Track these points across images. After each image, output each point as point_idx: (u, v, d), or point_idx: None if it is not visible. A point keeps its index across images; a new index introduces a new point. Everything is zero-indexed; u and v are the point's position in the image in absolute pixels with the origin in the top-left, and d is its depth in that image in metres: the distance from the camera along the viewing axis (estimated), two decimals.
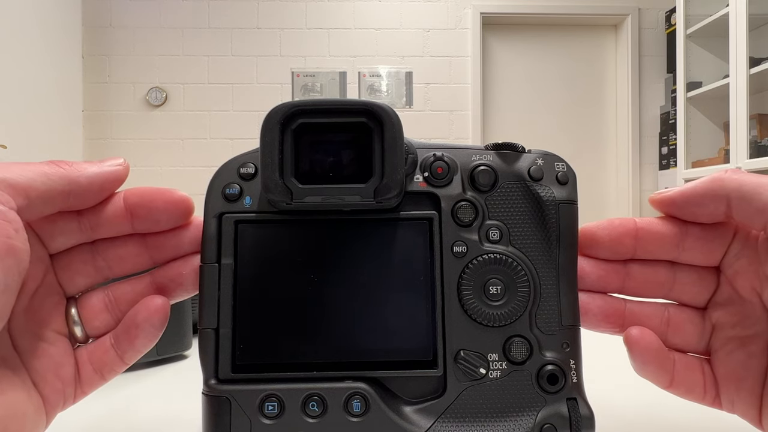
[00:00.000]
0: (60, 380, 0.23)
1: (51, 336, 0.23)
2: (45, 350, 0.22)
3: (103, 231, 0.24)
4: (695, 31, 2.73)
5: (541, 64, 3.41)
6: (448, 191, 0.25)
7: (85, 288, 0.24)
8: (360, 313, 0.24)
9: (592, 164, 3.41)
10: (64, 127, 2.87)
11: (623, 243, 0.25)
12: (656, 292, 0.26)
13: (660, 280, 0.26)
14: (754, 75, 2.35)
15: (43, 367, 0.22)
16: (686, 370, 0.25)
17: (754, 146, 2.42)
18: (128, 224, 0.24)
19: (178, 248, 0.25)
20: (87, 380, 0.24)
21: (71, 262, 0.24)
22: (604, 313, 0.26)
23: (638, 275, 0.26)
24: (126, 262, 0.25)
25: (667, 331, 0.26)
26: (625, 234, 0.25)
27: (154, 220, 0.24)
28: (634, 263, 0.26)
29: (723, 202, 0.23)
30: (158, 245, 0.25)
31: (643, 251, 0.25)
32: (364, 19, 3.26)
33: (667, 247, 0.25)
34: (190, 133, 3.22)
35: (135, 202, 0.24)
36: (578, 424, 0.24)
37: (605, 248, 0.26)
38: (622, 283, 0.26)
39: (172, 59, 3.22)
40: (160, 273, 0.25)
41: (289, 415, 0.23)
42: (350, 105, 0.24)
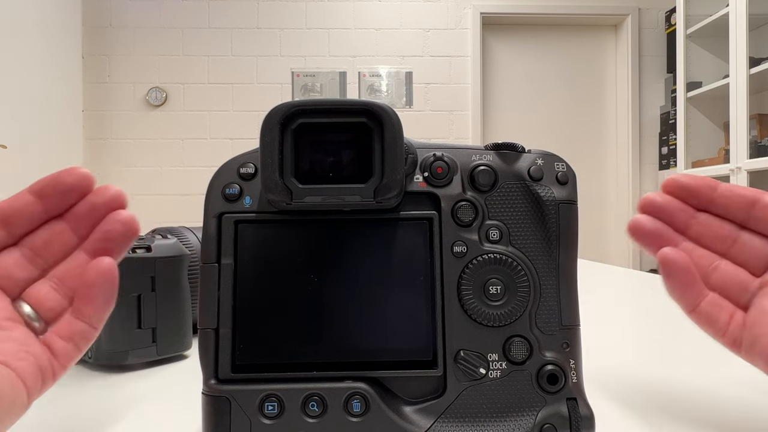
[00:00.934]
0: (31, 355, 0.23)
1: (6, 324, 0.23)
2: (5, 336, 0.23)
3: (19, 225, 0.25)
4: (695, 31, 2.73)
5: (541, 64, 3.41)
6: (448, 191, 0.25)
7: (26, 283, 0.25)
8: (360, 313, 0.24)
9: (592, 164, 3.41)
10: (64, 127, 2.87)
11: (702, 191, 0.27)
12: (717, 244, 0.27)
13: (723, 233, 0.27)
14: (754, 75, 2.34)
15: (9, 348, 0.22)
16: (713, 305, 0.26)
17: (754, 146, 2.42)
18: (41, 210, 0.25)
19: (94, 212, 0.25)
20: (62, 353, 0.24)
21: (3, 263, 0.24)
22: (658, 235, 0.27)
23: (705, 221, 0.27)
24: (53, 246, 0.25)
25: (712, 275, 0.27)
26: (706, 185, 0.27)
27: (62, 195, 0.25)
28: (704, 213, 0.27)
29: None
30: (76, 218, 0.25)
31: (717, 206, 0.27)
32: (364, 19, 3.26)
33: (740, 208, 0.26)
34: (190, 133, 3.22)
35: (41, 187, 0.25)
36: (578, 424, 0.24)
37: (685, 191, 0.27)
38: (686, 224, 0.27)
39: (172, 59, 3.22)
40: (88, 242, 0.25)
41: (289, 415, 0.23)
42: (350, 105, 0.24)
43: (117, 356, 0.39)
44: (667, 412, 0.31)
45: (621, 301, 0.76)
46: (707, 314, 0.26)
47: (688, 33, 2.77)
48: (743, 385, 0.36)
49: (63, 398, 0.34)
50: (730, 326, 0.26)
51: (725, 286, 0.26)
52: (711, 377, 0.38)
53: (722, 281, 0.26)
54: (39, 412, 0.31)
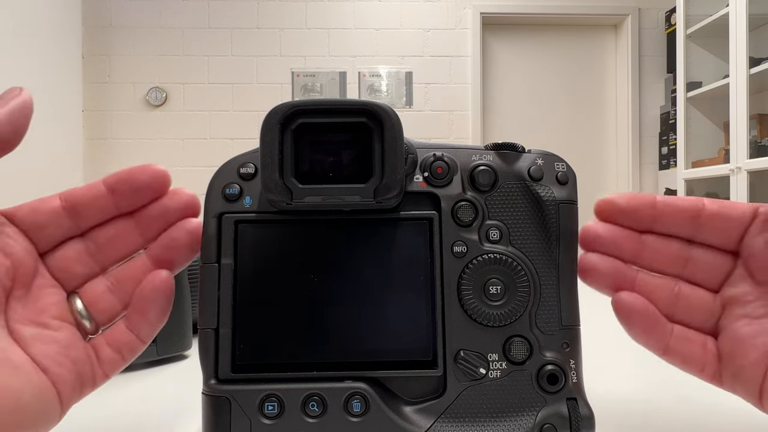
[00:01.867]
0: (71, 361, 0.22)
1: (54, 324, 0.23)
2: (49, 336, 0.22)
3: (88, 216, 0.24)
4: (695, 31, 2.73)
5: (541, 64, 3.41)
6: (448, 191, 0.25)
7: (84, 278, 0.24)
8: (360, 313, 0.24)
9: (592, 164, 3.41)
10: (64, 127, 2.87)
11: (642, 212, 0.25)
12: (670, 266, 0.26)
13: (675, 254, 0.25)
14: (754, 75, 2.34)
15: (50, 351, 0.22)
16: (684, 342, 0.25)
17: (754, 146, 2.42)
18: (112, 205, 0.24)
19: (165, 217, 0.25)
20: (107, 361, 0.24)
21: (65, 256, 0.24)
22: (613, 275, 0.25)
23: (653, 246, 0.26)
24: (118, 244, 0.25)
25: (676, 304, 0.25)
26: (644, 203, 0.25)
27: (135, 193, 0.24)
28: (650, 235, 0.26)
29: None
30: (145, 220, 0.25)
31: (661, 224, 0.25)
32: (364, 19, 3.26)
33: (684, 223, 0.25)
34: (190, 133, 3.22)
35: (115, 181, 0.24)
36: (578, 424, 0.24)
37: (624, 214, 0.26)
38: (636, 252, 0.26)
39: (172, 59, 3.22)
40: (153, 246, 0.25)
41: (289, 415, 0.23)
42: (350, 105, 0.24)
43: None
44: (667, 413, 0.31)
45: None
46: (680, 353, 0.25)
47: (688, 33, 2.77)
48: None
49: None
50: (705, 361, 0.25)
51: (690, 315, 0.25)
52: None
53: (686, 310, 0.25)
54: None
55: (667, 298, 0.25)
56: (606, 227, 0.26)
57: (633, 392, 0.35)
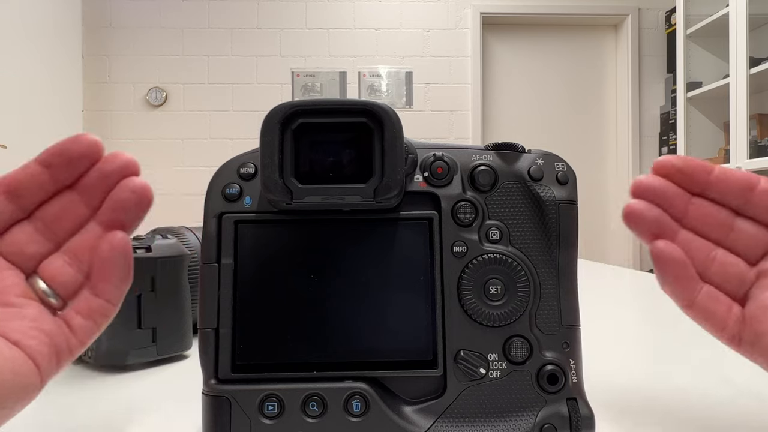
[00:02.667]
0: (43, 334, 0.22)
1: (18, 301, 0.23)
2: (16, 313, 0.22)
3: (29, 197, 0.24)
4: (695, 31, 2.73)
5: (541, 64, 3.41)
6: (448, 191, 0.25)
7: (40, 258, 0.24)
8: (360, 313, 0.24)
9: (592, 164, 3.41)
10: (64, 127, 2.87)
11: (697, 175, 0.26)
12: (713, 231, 0.26)
13: (720, 220, 0.26)
14: (754, 75, 2.34)
15: (19, 326, 0.22)
16: (711, 300, 0.25)
17: (754, 146, 2.42)
18: (49, 180, 0.24)
19: (105, 181, 0.24)
20: (80, 329, 0.24)
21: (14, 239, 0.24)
22: (657, 224, 0.26)
23: (701, 207, 0.26)
24: (65, 218, 0.24)
25: (710, 266, 0.26)
26: (702, 168, 0.26)
27: (70, 163, 0.24)
28: (700, 198, 0.26)
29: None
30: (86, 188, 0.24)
31: (714, 191, 0.26)
32: (364, 19, 3.26)
33: (736, 194, 0.26)
34: (190, 133, 3.22)
35: (47, 156, 0.24)
36: (578, 424, 0.24)
37: (680, 173, 0.26)
38: (684, 210, 0.26)
39: (172, 59, 3.22)
40: (100, 212, 0.24)
41: (289, 415, 0.23)
42: (350, 105, 0.24)
43: (117, 356, 0.39)
44: (666, 413, 0.31)
45: (620, 301, 0.76)
46: (704, 309, 0.25)
47: (688, 33, 2.77)
48: (740, 386, 0.36)
49: (63, 398, 0.34)
50: (728, 321, 0.25)
51: (722, 278, 0.26)
52: (709, 378, 0.38)
53: (719, 273, 0.26)
54: (39, 412, 0.31)
55: (703, 259, 0.26)
56: (659, 180, 0.26)
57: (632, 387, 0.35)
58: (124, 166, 0.24)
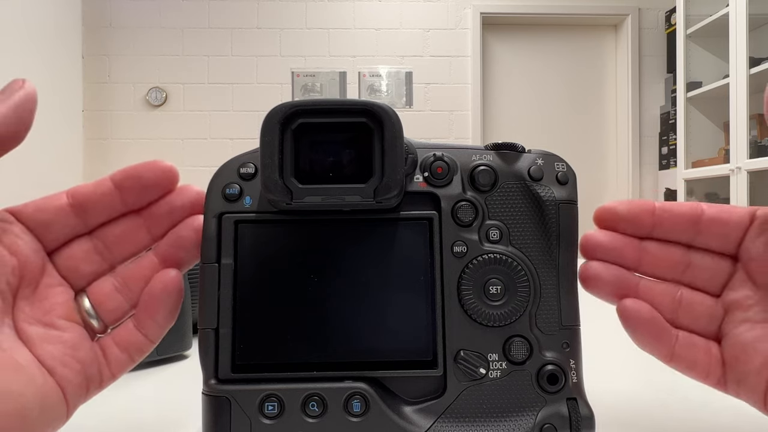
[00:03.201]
0: (78, 362, 0.22)
1: (62, 324, 0.23)
2: (57, 337, 0.22)
3: (95, 214, 0.24)
4: (695, 31, 2.73)
5: (541, 64, 3.41)
6: (448, 191, 0.25)
7: (92, 277, 0.24)
8: (360, 313, 0.24)
9: (592, 164, 3.41)
10: (64, 127, 2.87)
11: (642, 219, 0.26)
12: (671, 272, 0.26)
13: (675, 259, 0.26)
14: (754, 75, 2.34)
15: (57, 352, 0.22)
16: (689, 347, 0.25)
17: (754, 146, 2.42)
18: (119, 201, 0.24)
19: (172, 214, 0.24)
20: (115, 362, 0.23)
21: (73, 254, 0.24)
22: (617, 283, 0.26)
23: (654, 253, 0.26)
24: (126, 242, 0.24)
25: (678, 310, 0.25)
26: (644, 210, 0.26)
27: (143, 189, 0.24)
28: (650, 242, 0.26)
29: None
30: (152, 217, 0.24)
31: (661, 230, 0.26)
32: (364, 19, 3.26)
33: (684, 228, 0.25)
34: (190, 133, 3.22)
35: (122, 177, 0.24)
36: (578, 424, 0.24)
37: (624, 221, 0.26)
38: (638, 259, 0.26)
39: (172, 59, 3.22)
40: (161, 244, 0.25)
41: (289, 415, 0.23)
42: (350, 105, 0.24)
43: None
44: (667, 413, 0.31)
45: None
46: (685, 359, 0.25)
47: (688, 33, 2.77)
48: None
49: None
50: (710, 367, 0.25)
51: (692, 320, 0.25)
52: None
53: (688, 315, 0.25)
54: None
55: (669, 303, 0.25)
56: (607, 235, 0.26)
57: (633, 391, 0.35)
58: (193, 202, 0.25)
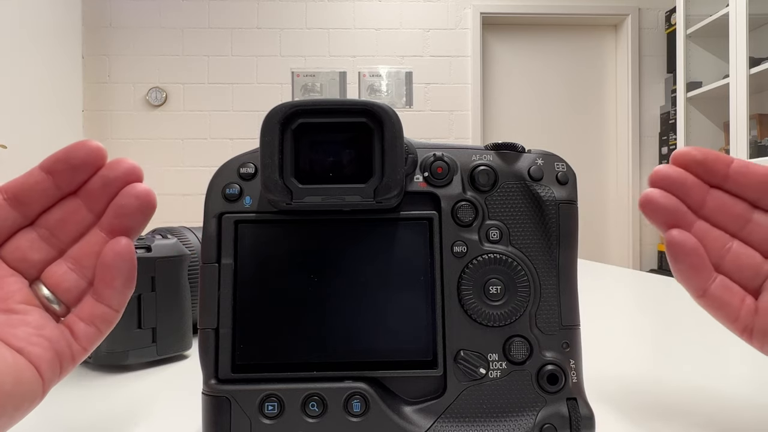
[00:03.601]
0: (45, 339, 0.22)
1: (21, 308, 0.23)
2: (18, 320, 0.22)
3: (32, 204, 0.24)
4: (695, 31, 2.73)
5: (541, 64, 3.41)
6: (448, 191, 0.25)
7: (43, 264, 0.24)
8: (360, 313, 0.24)
9: (592, 164, 3.41)
10: (64, 127, 2.87)
11: (716, 167, 0.26)
12: (730, 223, 0.26)
13: (737, 212, 0.26)
14: (754, 75, 2.34)
15: (22, 333, 0.22)
16: (724, 290, 0.25)
17: (754, 146, 2.42)
18: (53, 187, 0.24)
19: (108, 187, 0.24)
20: (83, 336, 0.24)
21: (18, 245, 0.24)
22: (673, 213, 0.26)
23: (719, 200, 0.26)
24: (68, 225, 0.24)
25: (725, 257, 0.26)
26: (719, 160, 0.26)
27: (73, 170, 0.24)
28: (717, 190, 0.26)
29: None
30: (89, 194, 0.24)
31: (732, 183, 0.26)
32: (364, 19, 3.26)
33: (754, 187, 0.26)
34: (190, 133, 3.22)
35: (50, 162, 0.24)
36: (578, 424, 0.24)
37: (699, 165, 0.26)
38: (701, 201, 0.26)
39: (172, 59, 3.22)
40: (104, 219, 0.24)
41: (289, 415, 0.23)
42: (350, 105, 0.24)
43: (117, 356, 0.39)
44: (667, 413, 0.31)
45: (621, 301, 0.76)
46: (717, 299, 0.25)
47: (688, 33, 2.77)
48: (744, 385, 0.36)
49: (63, 398, 0.34)
50: (741, 312, 0.25)
51: (737, 270, 0.26)
52: (711, 377, 0.38)
53: (734, 264, 0.26)
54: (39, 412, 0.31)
55: (719, 249, 0.26)
56: (677, 170, 0.26)
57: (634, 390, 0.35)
58: (127, 172, 0.24)
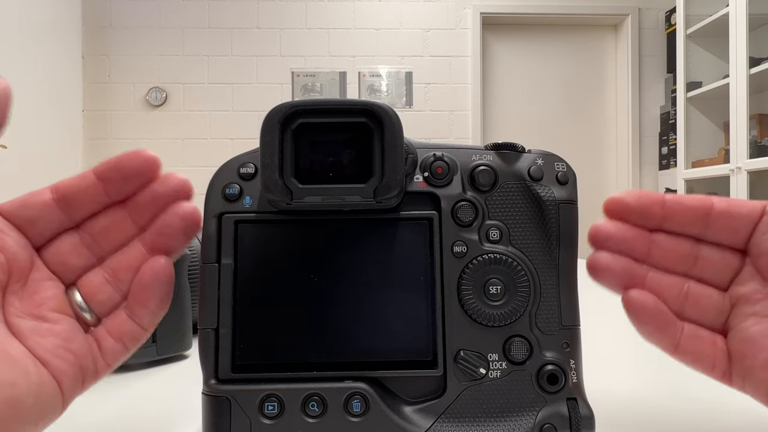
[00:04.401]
0: (72, 354, 0.22)
1: (53, 317, 0.23)
2: (49, 329, 0.22)
3: (80, 207, 0.24)
4: (695, 31, 2.73)
5: (541, 64, 3.41)
6: (448, 191, 0.25)
7: (81, 270, 0.24)
8: (360, 312, 0.24)
9: (592, 164, 3.41)
10: (64, 127, 2.87)
11: (651, 211, 0.25)
12: (679, 265, 0.26)
13: (684, 252, 0.25)
14: (754, 75, 2.34)
15: (50, 344, 0.22)
16: (695, 339, 0.25)
17: (754, 146, 2.42)
18: (103, 193, 0.24)
19: (156, 202, 0.24)
20: (110, 352, 0.23)
21: (60, 248, 0.24)
22: (624, 273, 0.25)
23: (663, 245, 0.26)
24: (112, 233, 0.24)
25: (685, 302, 0.25)
26: (654, 202, 0.25)
27: (125, 180, 0.24)
28: (659, 234, 0.26)
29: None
30: (137, 207, 0.24)
31: (670, 223, 0.25)
32: (364, 19, 3.26)
33: (693, 221, 0.25)
34: (190, 133, 3.22)
35: (104, 168, 0.24)
36: (578, 424, 0.24)
37: (634, 213, 0.26)
38: (646, 251, 0.26)
39: (172, 59, 3.22)
40: (147, 234, 0.24)
41: (289, 415, 0.24)
42: (350, 105, 0.24)
43: None
44: (667, 414, 0.31)
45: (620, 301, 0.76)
46: (690, 353, 0.25)
47: (688, 33, 2.77)
48: None
49: None
50: (716, 359, 0.25)
51: (699, 313, 0.25)
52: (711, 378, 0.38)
53: (695, 308, 0.25)
54: None
55: (676, 296, 0.25)
56: (617, 226, 0.26)
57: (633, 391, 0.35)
58: (177, 188, 0.24)
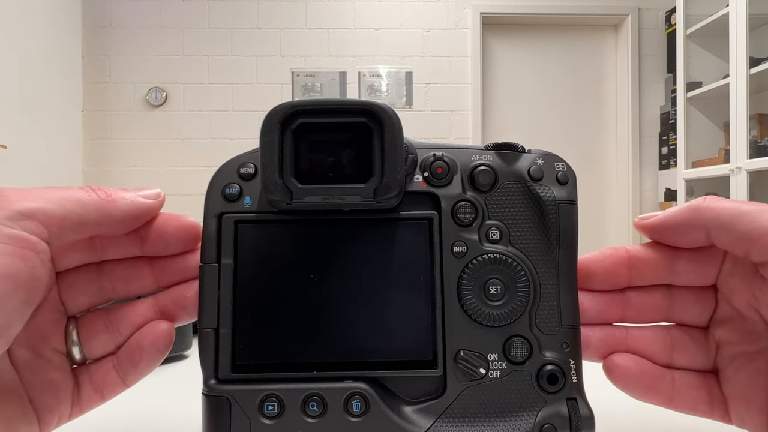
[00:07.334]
0: (56, 399, 0.23)
1: (49, 353, 0.23)
2: (43, 367, 0.22)
3: (112, 252, 0.24)
4: (695, 31, 2.73)
5: (541, 64, 3.41)
6: (448, 191, 0.25)
7: (87, 307, 0.24)
8: (360, 313, 0.24)
9: (592, 164, 3.41)
10: (64, 127, 2.87)
11: (618, 273, 0.26)
12: (656, 316, 0.26)
13: (658, 304, 0.26)
14: (754, 75, 2.34)
15: (41, 384, 0.22)
16: (688, 389, 0.25)
17: (754, 146, 2.42)
18: (138, 247, 0.24)
19: (184, 272, 0.25)
20: (86, 399, 0.24)
21: (77, 280, 0.24)
22: (605, 345, 0.26)
23: (636, 302, 0.26)
24: (131, 284, 0.25)
25: (672, 353, 0.26)
26: (618, 264, 0.26)
27: (164, 244, 0.24)
28: (631, 291, 0.26)
29: (702, 231, 0.24)
30: (164, 269, 0.25)
31: (639, 278, 0.26)
32: (364, 19, 3.26)
33: (660, 272, 0.25)
34: (190, 133, 3.22)
35: (147, 227, 0.24)
36: (578, 424, 0.24)
37: (601, 280, 0.26)
38: (622, 312, 0.26)
39: (172, 59, 3.22)
40: (163, 296, 0.25)
41: (289, 415, 0.23)
42: (350, 105, 0.24)
43: None
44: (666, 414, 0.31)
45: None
46: (686, 403, 0.25)
47: (688, 33, 2.77)
48: None
49: None
50: (713, 406, 0.25)
51: (691, 361, 0.25)
52: None
53: (685, 358, 0.25)
54: None
55: (662, 348, 0.26)
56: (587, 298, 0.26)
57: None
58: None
